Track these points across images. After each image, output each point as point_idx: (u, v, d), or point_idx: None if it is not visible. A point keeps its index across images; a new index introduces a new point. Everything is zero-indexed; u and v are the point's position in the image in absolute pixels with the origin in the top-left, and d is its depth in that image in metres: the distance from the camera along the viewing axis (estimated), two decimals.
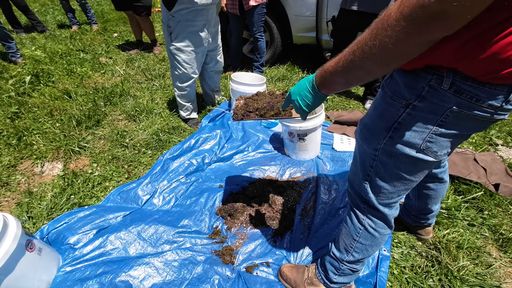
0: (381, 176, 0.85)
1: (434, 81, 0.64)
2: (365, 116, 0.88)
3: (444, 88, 0.63)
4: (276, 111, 1.09)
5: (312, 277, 1.19)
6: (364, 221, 0.97)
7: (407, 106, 0.70)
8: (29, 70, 3.03)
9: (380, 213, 0.94)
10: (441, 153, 0.74)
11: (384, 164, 0.82)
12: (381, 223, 0.96)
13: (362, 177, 0.91)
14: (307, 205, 1.62)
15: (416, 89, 0.68)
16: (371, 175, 0.87)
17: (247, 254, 1.37)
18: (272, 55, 3.44)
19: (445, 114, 0.66)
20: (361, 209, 0.97)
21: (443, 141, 0.71)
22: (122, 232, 1.38)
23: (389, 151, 0.78)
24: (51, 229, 1.38)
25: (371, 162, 0.85)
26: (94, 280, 1.17)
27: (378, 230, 0.97)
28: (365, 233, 0.98)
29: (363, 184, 0.91)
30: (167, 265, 1.27)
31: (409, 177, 0.82)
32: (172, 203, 1.64)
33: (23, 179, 1.77)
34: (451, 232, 1.44)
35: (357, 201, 0.98)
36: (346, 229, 1.04)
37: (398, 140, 0.75)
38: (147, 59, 3.68)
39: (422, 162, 0.76)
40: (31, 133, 2.12)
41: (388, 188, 0.86)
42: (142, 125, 2.29)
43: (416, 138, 0.72)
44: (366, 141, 0.85)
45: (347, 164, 1.91)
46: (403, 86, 0.70)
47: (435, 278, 1.26)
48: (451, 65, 0.61)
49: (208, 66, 2.25)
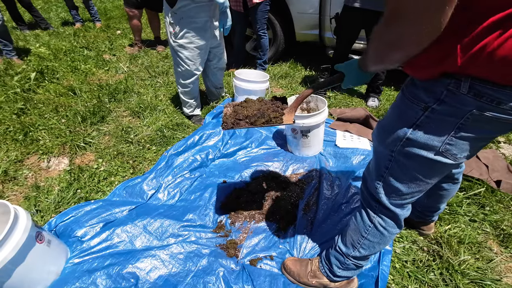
0: (396, 177, 0.85)
1: (452, 86, 0.64)
2: (383, 118, 0.88)
3: (462, 92, 0.63)
4: (267, 118, 1.07)
5: (315, 270, 1.22)
6: (374, 219, 0.98)
7: (426, 109, 0.70)
8: (34, 67, 3.06)
9: (392, 213, 0.94)
10: (460, 156, 0.73)
11: (400, 165, 0.82)
12: (391, 222, 0.97)
13: (375, 177, 0.92)
14: (310, 200, 1.64)
15: (434, 93, 0.68)
16: (385, 176, 0.88)
17: (251, 248, 1.39)
18: (275, 53, 3.45)
19: (465, 117, 0.65)
20: (372, 208, 0.98)
21: (463, 144, 0.70)
22: (128, 225, 1.41)
23: (407, 153, 0.78)
24: (59, 222, 1.41)
25: (387, 163, 0.85)
26: (102, 272, 1.20)
27: (387, 229, 0.98)
28: (374, 230, 0.99)
29: (375, 184, 0.92)
30: (173, 258, 1.29)
31: (425, 179, 0.82)
32: (176, 197, 1.66)
33: (30, 174, 1.80)
34: (453, 228, 1.46)
35: (369, 199, 0.99)
36: (355, 225, 1.05)
37: (416, 143, 0.75)
38: (151, 56, 3.69)
39: (440, 165, 0.76)
40: (37, 129, 2.14)
41: (402, 189, 0.86)
42: (146, 121, 2.32)
43: (435, 141, 0.71)
44: (382, 142, 0.85)
45: (350, 161, 1.93)
46: (422, 89, 0.71)
47: (436, 272, 1.28)
48: (465, 72, 0.61)
49: (211, 63, 2.26)
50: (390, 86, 3.03)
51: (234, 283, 1.20)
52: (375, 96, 2.72)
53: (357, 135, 2.17)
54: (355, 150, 1.97)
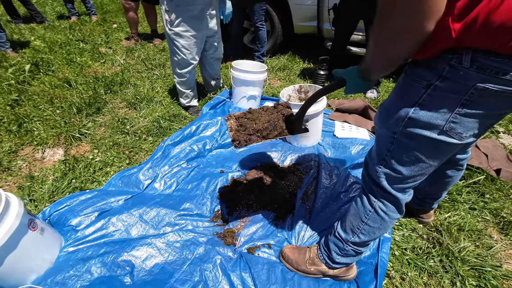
0: (398, 160, 0.84)
1: (454, 60, 0.62)
2: (385, 100, 0.86)
3: (465, 66, 0.61)
4: (279, 130, 1.03)
5: (313, 257, 1.20)
6: (375, 204, 0.96)
7: (428, 87, 0.68)
8: (28, 59, 3.02)
9: (393, 197, 0.93)
10: (466, 135, 0.71)
11: (402, 147, 0.80)
12: (392, 207, 0.95)
13: (377, 161, 0.90)
14: (308, 189, 1.62)
15: (436, 69, 0.66)
16: (387, 159, 0.86)
17: (248, 236, 1.37)
18: (273, 45, 3.42)
19: (469, 93, 0.63)
20: (373, 192, 0.97)
21: (468, 122, 0.68)
22: (124, 214, 1.39)
23: (409, 133, 0.76)
24: (53, 211, 1.39)
25: (389, 145, 0.84)
26: (97, 260, 1.17)
27: (388, 214, 0.96)
28: (374, 215, 0.98)
29: (377, 168, 0.90)
30: (169, 246, 1.27)
31: (428, 161, 0.80)
32: (173, 187, 1.64)
33: (24, 164, 1.77)
34: (453, 215, 1.45)
35: (370, 184, 0.97)
36: (355, 210, 1.03)
37: (418, 122, 0.73)
38: (147, 49, 3.65)
39: (444, 145, 0.74)
40: (31, 120, 2.11)
41: (404, 172, 0.85)
42: (143, 112, 2.28)
43: (438, 119, 0.70)
44: (384, 124, 0.83)
45: (348, 151, 1.91)
46: (424, 67, 0.69)
47: (436, 259, 1.27)
48: (463, 44, 0.59)
49: (207, 53, 2.23)
50: (389, 78, 3.01)
51: (232, 271, 1.18)
52: (374, 87, 2.70)
53: (355, 125, 2.15)
54: (353, 140, 1.95)
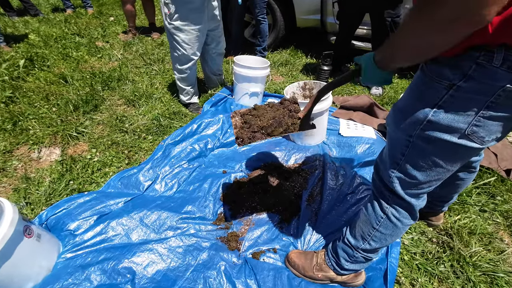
0: (414, 165, 0.79)
1: (482, 58, 0.57)
2: (399, 100, 0.80)
3: (495, 65, 0.56)
4: (285, 127, 0.99)
5: (321, 263, 1.16)
6: (387, 210, 0.92)
7: (451, 87, 0.63)
8: (23, 53, 2.92)
9: (406, 203, 0.88)
10: (488, 139, 0.66)
11: (419, 151, 0.76)
12: (405, 213, 0.91)
13: (389, 165, 0.85)
14: (313, 191, 1.57)
15: (461, 68, 0.60)
16: (401, 164, 0.81)
17: (253, 240, 1.33)
18: (274, 39, 3.33)
19: (496, 95, 0.58)
20: (385, 198, 0.92)
21: (492, 125, 0.64)
22: (124, 218, 1.34)
23: (427, 137, 0.71)
24: (50, 215, 1.34)
25: (403, 149, 0.78)
26: (96, 267, 1.13)
27: (401, 220, 0.91)
28: (386, 222, 0.93)
29: (389, 173, 0.85)
30: (171, 252, 1.23)
31: (446, 166, 0.75)
32: (174, 189, 1.59)
33: (19, 165, 1.71)
34: (463, 218, 1.41)
35: (381, 189, 0.92)
36: (366, 216, 0.99)
37: (438, 125, 0.68)
38: (145, 43, 3.55)
39: (464, 149, 0.69)
40: (26, 118, 2.04)
41: (420, 178, 0.80)
42: (142, 110, 2.22)
43: (460, 122, 0.65)
44: (399, 126, 0.77)
45: (354, 150, 1.86)
46: (446, 66, 0.63)
47: (446, 264, 1.23)
48: (498, 41, 0.54)
49: (209, 47, 2.15)
50: (394, 73, 2.93)
51: (236, 278, 1.14)
52: None
53: (361, 124, 2.09)
54: (359, 138, 1.90)
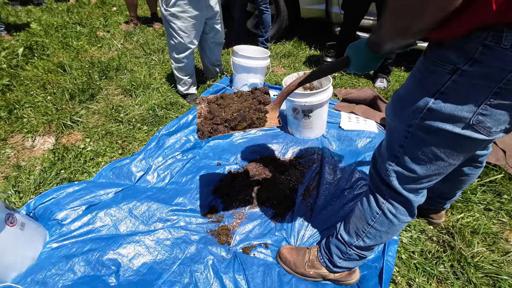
0: (413, 157, 0.73)
1: (490, 39, 0.51)
2: (400, 88, 0.74)
3: (504, 46, 0.50)
4: (249, 121, 0.94)
5: (313, 260, 1.11)
6: (383, 206, 0.86)
7: (454, 72, 0.57)
8: (22, 42, 2.90)
9: (404, 198, 0.82)
10: (496, 130, 0.60)
11: (418, 143, 0.69)
12: (403, 209, 0.85)
13: (387, 158, 0.79)
14: (310, 185, 1.52)
15: (466, 51, 0.54)
16: (399, 156, 0.75)
17: (244, 235, 1.29)
18: (278, 30, 3.24)
19: (505, 80, 0.52)
20: (382, 192, 0.86)
21: (500, 114, 0.57)
22: (113, 208, 1.31)
23: (427, 127, 0.65)
24: (38, 204, 1.31)
25: (402, 141, 0.72)
26: (81, 258, 1.10)
27: (398, 217, 0.86)
28: (382, 218, 0.88)
29: (387, 166, 0.80)
30: (159, 244, 1.19)
31: (448, 159, 0.69)
32: (167, 180, 1.55)
33: (12, 153, 1.69)
34: (466, 217, 1.34)
35: (378, 183, 0.86)
36: (361, 211, 0.93)
37: (439, 114, 0.62)
38: (146, 33, 3.50)
39: (469, 141, 0.63)
40: (22, 106, 2.02)
41: (419, 172, 0.74)
42: (139, 100, 2.18)
43: (464, 111, 0.58)
44: (398, 115, 0.72)
45: (355, 144, 1.79)
46: (450, 49, 0.57)
47: (446, 264, 1.17)
48: (505, 19, 0.48)
49: (207, 36, 2.08)
50: (400, 66, 2.83)
51: (224, 273, 1.10)
52: (384, 76, 2.54)
53: (363, 117, 2.02)
54: (360, 132, 1.83)
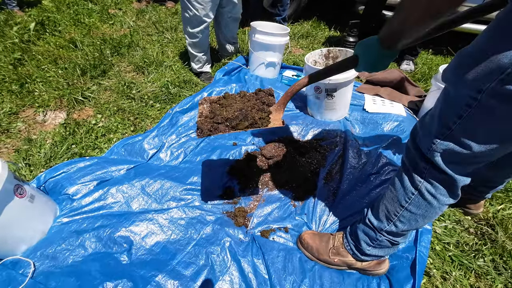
0: (472, 130, 0.61)
1: None
2: (468, 45, 0.61)
3: None
4: (251, 121, 0.90)
5: (338, 247, 1.02)
6: (420, 185, 0.75)
7: None
8: (34, 18, 2.84)
9: (447, 177, 0.71)
10: None
11: (486, 113, 0.57)
12: (443, 190, 0.74)
13: (435, 130, 0.68)
14: (332, 168, 1.41)
15: None
16: (454, 128, 0.63)
17: (262, 217, 1.21)
18: (296, 9, 3.07)
19: None
20: (419, 170, 0.75)
21: None
22: (125, 185, 1.24)
23: (506, 93, 0.52)
24: (49, 177, 1.26)
25: (462, 110, 0.60)
26: (91, 233, 1.05)
27: (437, 197, 0.75)
28: (418, 199, 0.77)
29: (433, 139, 0.68)
30: (173, 223, 1.12)
31: None
32: (180, 158, 1.48)
33: (23, 127, 1.65)
34: (507, 208, 1.21)
35: (416, 160, 0.75)
36: (393, 192, 0.83)
37: None
38: (159, 12, 3.39)
39: None
40: (34, 81, 1.97)
41: (476, 149, 0.62)
42: (151, 77, 2.09)
43: None
44: (463, 78, 0.59)
45: (380, 127, 1.66)
46: None
47: (487, 258, 1.06)
48: None
49: (224, 10, 1.96)
50: (428, 48, 2.63)
51: (242, 256, 1.03)
52: (411, 58, 2.36)
53: (389, 100, 1.88)
54: (387, 115, 1.70)
